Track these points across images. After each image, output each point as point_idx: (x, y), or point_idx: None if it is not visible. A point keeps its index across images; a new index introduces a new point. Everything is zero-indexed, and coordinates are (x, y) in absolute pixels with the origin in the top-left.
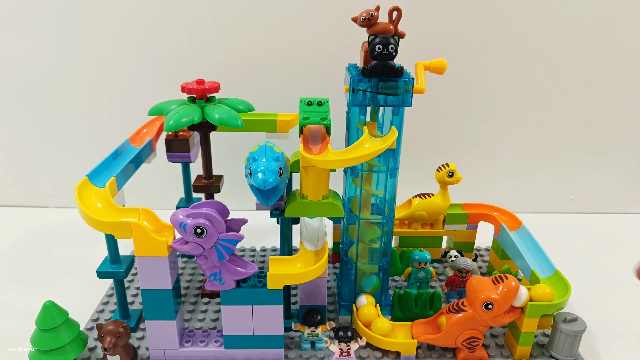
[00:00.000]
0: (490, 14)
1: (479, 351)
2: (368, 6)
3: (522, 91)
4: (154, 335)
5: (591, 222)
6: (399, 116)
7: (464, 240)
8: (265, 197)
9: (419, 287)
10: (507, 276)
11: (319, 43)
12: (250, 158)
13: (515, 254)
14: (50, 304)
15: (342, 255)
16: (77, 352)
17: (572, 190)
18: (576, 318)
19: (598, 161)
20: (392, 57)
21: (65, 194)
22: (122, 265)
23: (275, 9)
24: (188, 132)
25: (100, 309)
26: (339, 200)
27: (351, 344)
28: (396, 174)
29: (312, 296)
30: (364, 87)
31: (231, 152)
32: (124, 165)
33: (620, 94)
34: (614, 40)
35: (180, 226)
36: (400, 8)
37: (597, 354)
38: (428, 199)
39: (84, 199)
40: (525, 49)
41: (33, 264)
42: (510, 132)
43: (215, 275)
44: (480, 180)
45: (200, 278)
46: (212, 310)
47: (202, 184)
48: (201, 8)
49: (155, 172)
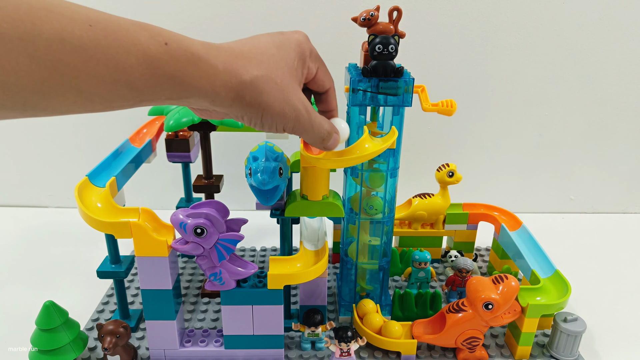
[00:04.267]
0: (491, 14)
1: (479, 351)
2: (368, 6)
3: (522, 91)
4: (154, 335)
5: (591, 222)
6: (399, 116)
7: (464, 240)
8: (265, 197)
9: (419, 287)
10: (507, 276)
11: (319, 43)
12: (250, 158)
13: (515, 254)
14: (50, 304)
15: (342, 255)
16: (77, 352)
17: (572, 190)
18: (576, 318)
19: (598, 161)
20: (392, 57)
21: (65, 194)
22: (122, 265)
23: (276, 9)
24: (188, 132)
25: (100, 309)
26: (339, 200)
27: (351, 344)
28: (396, 174)
29: (312, 296)
30: (364, 87)
31: (231, 152)
32: (124, 165)
33: (620, 94)
34: (614, 40)
35: (181, 226)
36: (400, 8)
37: (597, 354)
38: (428, 199)
39: (84, 198)
40: (525, 49)
41: (33, 264)
42: (510, 132)
43: (216, 275)
44: (480, 180)
45: (200, 278)
46: (212, 310)
47: (202, 184)
48: (201, 8)
49: (155, 172)
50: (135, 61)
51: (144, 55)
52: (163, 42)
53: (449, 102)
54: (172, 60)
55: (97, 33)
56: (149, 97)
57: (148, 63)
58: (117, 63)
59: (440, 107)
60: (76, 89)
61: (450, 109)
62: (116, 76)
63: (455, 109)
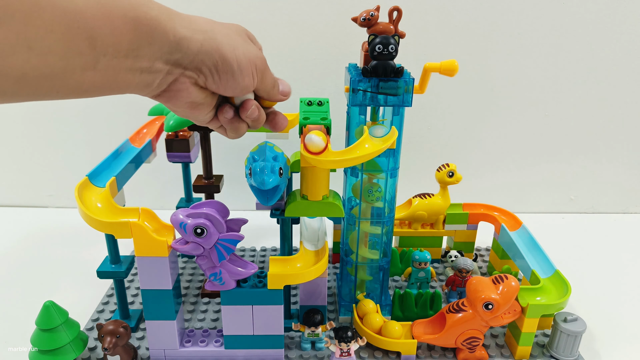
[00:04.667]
0: (491, 14)
1: (479, 351)
2: (368, 6)
3: (522, 91)
4: (154, 335)
5: (591, 222)
6: (399, 116)
7: (464, 240)
8: (265, 197)
9: (419, 287)
10: (507, 276)
11: (319, 43)
12: (250, 158)
13: (515, 254)
14: (50, 304)
15: (342, 255)
16: (77, 352)
17: (572, 190)
18: (576, 318)
19: (598, 161)
20: (392, 57)
21: (65, 194)
22: (122, 265)
23: (276, 9)
24: (188, 132)
25: (100, 309)
26: (339, 200)
27: (351, 344)
28: (396, 174)
29: (312, 296)
30: (364, 87)
31: (231, 152)
32: (124, 165)
33: (620, 94)
34: (615, 40)
35: (181, 226)
36: (400, 8)
37: (597, 354)
38: (428, 199)
39: (84, 199)
40: (525, 49)
41: (33, 264)
42: (510, 132)
43: (216, 275)
44: (480, 180)
45: (200, 278)
46: (212, 310)
47: (202, 184)
48: (201, 8)
49: (155, 172)
50: (85, 6)
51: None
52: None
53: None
54: (129, 6)
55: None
56: (108, 48)
57: (100, 6)
58: (65, 9)
59: (441, 70)
60: (25, 44)
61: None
62: (67, 24)
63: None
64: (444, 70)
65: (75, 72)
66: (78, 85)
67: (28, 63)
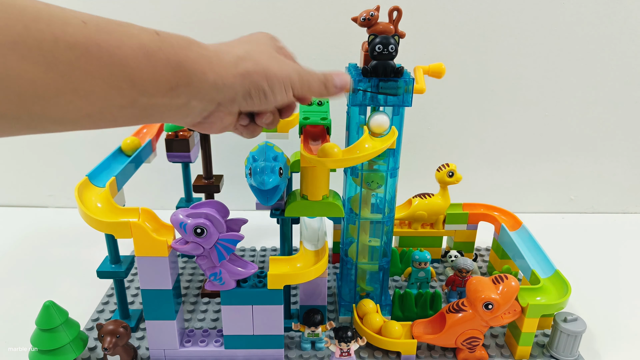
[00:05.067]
0: (491, 14)
1: (479, 351)
2: (368, 6)
3: (522, 91)
4: (154, 335)
5: (591, 222)
6: (399, 116)
7: (464, 240)
8: (265, 197)
9: (419, 287)
10: (507, 276)
11: (319, 43)
12: (250, 158)
13: (515, 254)
14: (50, 304)
15: (342, 255)
16: (77, 352)
17: (572, 190)
18: (576, 318)
19: (598, 161)
20: (392, 57)
21: (65, 194)
22: (122, 265)
23: (276, 9)
24: (188, 132)
25: (100, 309)
26: (339, 200)
27: (351, 344)
28: (396, 174)
29: (312, 296)
30: (364, 87)
31: (231, 152)
32: (124, 165)
33: (620, 94)
34: (615, 40)
35: (181, 226)
36: (400, 8)
37: (597, 354)
38: (428, 199)
39: (84, 199)
40: (525, 50)
41: (33, 264)
42: (510, 132)
43: (216, 275)
44: (480, 180)
45: (200, 278)
46: (212, 310)
47: (202, 184)
48: (201, 8)
49: (155, 172)
50: (131, 52)
51: (139, 44)
52: (154, 32)
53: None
54: (166, 46)
55: (91, 29)
56: (148, 89)
57: (144, 52)
58: (111, 55)
59: (430, 72)
60: (71, 87)
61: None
62: (112, 69)
63: (444, 69)
64: (432, 73)
65: (114, 110)
66: (114, 120)
67: (71, 104)
